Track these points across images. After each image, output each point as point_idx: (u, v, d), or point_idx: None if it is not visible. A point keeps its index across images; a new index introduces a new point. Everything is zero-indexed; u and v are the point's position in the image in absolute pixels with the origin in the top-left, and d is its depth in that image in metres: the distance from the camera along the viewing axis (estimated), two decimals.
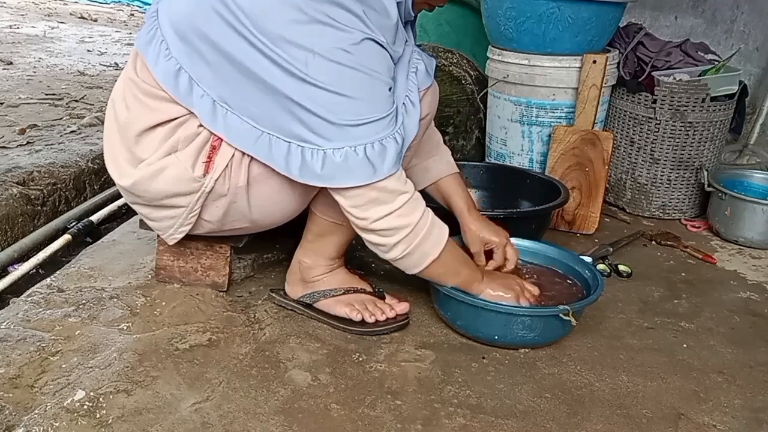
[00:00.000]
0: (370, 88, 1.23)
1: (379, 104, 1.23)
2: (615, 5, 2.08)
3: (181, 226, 1.38)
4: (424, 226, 1.29)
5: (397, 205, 1.26)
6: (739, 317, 1.62)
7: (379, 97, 1.24)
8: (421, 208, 1.29)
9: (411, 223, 1.27)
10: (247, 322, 1.45)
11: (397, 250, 1.30)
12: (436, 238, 1.32)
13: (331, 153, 1.22)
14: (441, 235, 1.33)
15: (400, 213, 1.26)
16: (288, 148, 1.24)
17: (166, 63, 1.27)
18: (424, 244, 1.30)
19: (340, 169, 1.22)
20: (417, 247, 1.30)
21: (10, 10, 5.96)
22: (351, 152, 1.21)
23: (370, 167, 1.22)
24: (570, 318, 1.35)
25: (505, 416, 1.21)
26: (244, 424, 1.15)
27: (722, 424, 1.23)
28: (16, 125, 2.56)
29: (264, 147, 1.26)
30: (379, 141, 1.23)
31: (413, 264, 1.33)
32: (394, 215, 1.26)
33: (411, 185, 1.29)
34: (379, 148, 1.23)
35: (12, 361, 1.25)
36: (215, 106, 1.26)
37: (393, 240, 1.28)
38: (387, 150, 1.23)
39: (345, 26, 1.19)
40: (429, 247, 1.31)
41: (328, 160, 1.22)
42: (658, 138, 2.13)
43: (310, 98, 1.20)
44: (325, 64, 1.19)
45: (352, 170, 1.22)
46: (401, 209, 1.26)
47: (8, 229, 1.88)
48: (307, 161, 1.23)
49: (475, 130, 2.52)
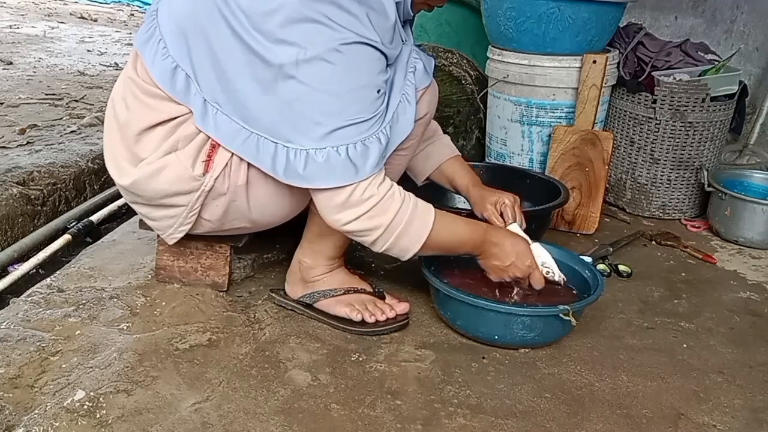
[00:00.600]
0: (358, 89, 1.22)
1: (365, 106, 1.23)
2: (615, 5, 2.08)
3: (181, 225, 1.38)
4: (399, 224, 1.28)
5: (366, 208, 1.25)
6: (739, 317, 1.62)
7: (367, 99, 1.23)
8: (394, 208, 1.27)
9: (383, 224, 1.27)
10: (247, 322, 1.45)
11: (376, 246, 1.31)
12: (417, 232, 1.30)
13: (313, 153, 1.22)
14: (425, 222, 1.31)
15: (370, 215, 1.26)
16: (275, 149, 1.24)
17: (163, 62, 1.27)
18: (401, 240, 1.30)
19: (321, 169, 1.22)
20: (395, 243, 1.30)
21: (10, 10, 5.96)
22: (333, 152, 1.21)
23: (352, 168, 1.22)
24: (570, 318, 1.35)
25: (505, 416, 1.21)
26: (244, 424, 1.15)
27: (722, 424, 1.23)
28: (16, 125, 2.56)
29: (251, 147, 1.26)
30: (361, 141, 1.22)
31: (400, 253, 1.33)
32: (363, 218, 1.26)
33: (386, 185, 1.27)
34: (362, 148, 1.22)
35: (12, 361, 1.25)
36: (206, 105, 1.27)
37: (369, 239, 1.29)
38: (369, 150, 1.23)
39: (339, 26, 1.18)
40: (407, 242, 1.30)
41: (311, 160, 1.22)
42: (658, 138, 2.13)
43: (298, 97, 1.20)
44: (315, 63, 1.19)
45: (334, 170, 1.22)
46: (370, 212, 1.25)
47: (8, 229, 1.88)
48: (290, 162, 1.23)
49: (475, 130, 2.52)
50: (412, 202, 1.30)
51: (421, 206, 1.31)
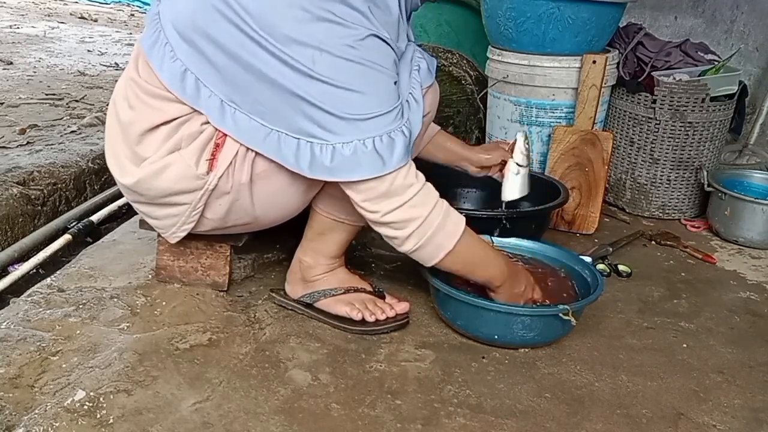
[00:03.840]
0: (376, 82, 1.23)
1: (385, 98, 1.24)
2: (615, 5, 2.08)
3: (184, 224, 1.38)
4: (437, 218, 1.29)
5: (408, 196, 1.26)
6: (738, 317, 1.62)
7: (386, 91, 1.25)
8: (433, 200, 1.29)
9: (423, 214, 1.27)
10: (248, 322, 1.45)
11: (410, 243, 1.30)
12: (451, 230, 1.31)
13: (340, 147, 1.22)
14: (456, 227, 1.32)
15: (411, 204, 1.26)
16: (297, 144, 1.25)
17: (172, 65, 1.27)
18: (437, 236, 1.30)
19: (349, 162, 1.22)
20: (430, 239, 1.29)
21: (10, 10, 5.96)
22: (360, 145, 1.22)
23: (379, 159, 1.23)
24: (570, 318, 1.35)
25: (505, 416, 1.21)
26: (245, 424, 1.15)
27: (722, 424, 1.23)
28: (16, 125, 2.57)
29: (273, 144, 1.26)
30: (387, 134, 1.23)
31: (428, 256, 1.33)
32: (405, 207, 1.26)
33: (422, 177, 1.29)
34: (388, 140, 1.23)
35: (12, 361, 1.25)
36: (223, 105, 1.27)
37: (405, 232, 1.28)
38: (395, 143, 1.24)
39: (349, 23, 1.19)
40: (442, 239, 1.31)
41: (338, 153, 1.22)
42: (658, 138, 2.13)
43: (318, 94, 1.21)
44: (332, 60, 1.20)
45: (361, 163, 1.22)
46: (412, 200, 1.26)
47: (8, 229, 1.88)
48: (316, 156, 1.24)
49: (475, 130, 2.52)
50: (445, 203, 1.32)
51: (453, 210, 1.33)
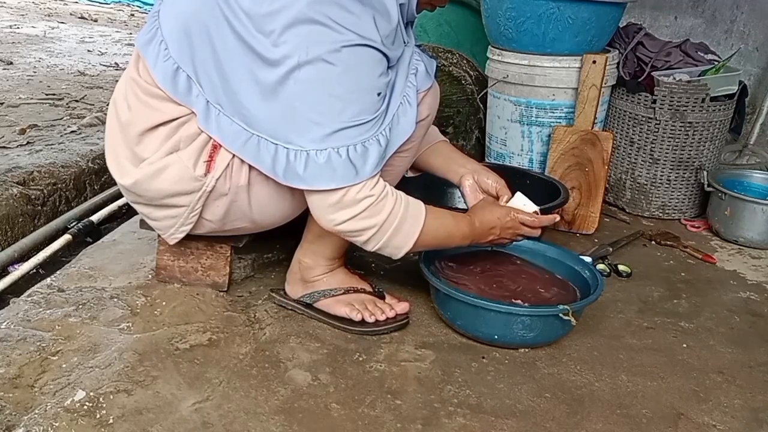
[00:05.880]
0: (359, 91, 1.23)
1: (365, 108, 1.23)
2: (615, 5, 2.08)
3: (182, 225, 1.38)
4: (392, 223, 1.29)
5: (360, 209, 1.25)
6: (738, 317, 1.62)
7: (367, 101, 1.24)
8: (387, 208, 1.28)
9: (376, 224, 1.27)
10: (248, 322, 1.45)
11: (369, 246, 1.31)
12: (409, 229, 1.31)
13: (314, 154, 1.22)
14: (415, 223, 1.32)
15: (363, 216, 1.26)
16: (275, 150, 1.25)
17: (165, 63, 1.27)
18: (394, 239, 1.30)
19: (322, 170, 1.22)
20: (388, 242, 1.30)
21: (10, 10, 5.96)
22: (334, 154, 1.22)
23: (352, 169, 1.22)
24: (570, 318, 1.35)
25: (505, 416, 1.21)
26: (245, 424, 1.15)
27: (722, 424, 1.23)
28: (16, 125, 2.57)
29: (252, 149, 1.26)
30: (361, 143, 1.23)
31: (390, 254, 1.34)
32: (357, 218, 1.26)
33: (380, 185, 1.28)
34: (362, 150, 1.23)
35: (12, 361, 1.25)
36: (209, 106, 1.27)
37: (361, 239, 1.30)
38: (369, 152, 1.24)
39: (342, 27, 1.18)
40: (399, 241, 1.31)
41: (311, 161, 1.22)
42: (658, 138, 2.13)
43: (299, 98, 1.21)
44: (317, 64, 1.19)
45: (335, 172, 1.22)
46: (365, 212, 1.26)
47: (8, 229, 1.88)
48: (291, 163, 1.23)
49: (475, 130, 2.52)
50: (404, 201, 1.31)
51: (412, 204, 1.32)
